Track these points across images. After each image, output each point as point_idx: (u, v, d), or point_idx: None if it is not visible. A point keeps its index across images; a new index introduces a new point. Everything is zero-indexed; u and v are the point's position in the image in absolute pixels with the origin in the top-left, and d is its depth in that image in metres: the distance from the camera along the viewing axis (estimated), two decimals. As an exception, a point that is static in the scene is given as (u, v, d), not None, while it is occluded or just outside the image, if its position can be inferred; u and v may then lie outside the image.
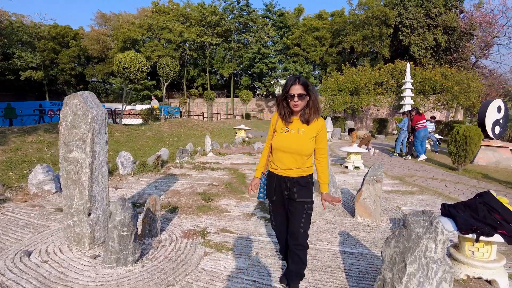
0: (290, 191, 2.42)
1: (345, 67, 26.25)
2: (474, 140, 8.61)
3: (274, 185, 2.48)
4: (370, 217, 4.38)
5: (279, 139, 2.41)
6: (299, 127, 2.38)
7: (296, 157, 2.38)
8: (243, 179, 6.41)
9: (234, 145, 10.74)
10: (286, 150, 2.38)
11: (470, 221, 2.89)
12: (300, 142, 2.36)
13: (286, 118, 2.40)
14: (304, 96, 2.30)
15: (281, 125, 2.44)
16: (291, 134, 2.39)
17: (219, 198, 5.05)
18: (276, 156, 2.45)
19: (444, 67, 21.62)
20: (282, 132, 2.41)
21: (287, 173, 2.41)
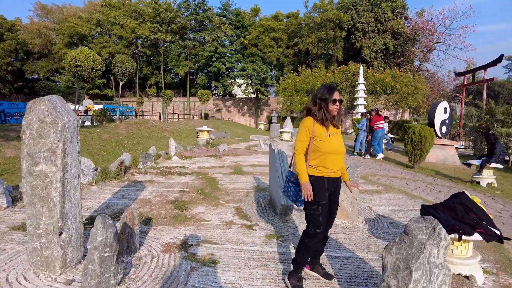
0: (335, 189, 2.71)
1: (301, 68, 26.91)
2: (428, 140, 9.23)
3: (327, 188, 2.63)
4: (347, 219, 4.45)
5: (330, 143, 2.59)
6: (334, 131, 2.66)
7: (342, 157, 2.68)
8: (214, 184, 6.22)
9: (199, 148, 10.44)
10: (338, 152, 2.62)
11: (451, 221, 3.02)
12: (341, 142, 2.68)
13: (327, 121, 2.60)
14: (341, 101, 2.64)
15: (321, 130, 2.60)
16: (335, 137, 2.62)
17: (194, 206, 4.82)
18: (328, 160, 2.60)
19: (394, 70, 23.09)
20: (327, 136, 2.59)
21: (337, 173, 2.68)
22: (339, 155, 2.64)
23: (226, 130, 18.87)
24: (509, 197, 6.76)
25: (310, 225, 2.64)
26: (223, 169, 7.68)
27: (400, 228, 4.34)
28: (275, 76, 34.31)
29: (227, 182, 6.40)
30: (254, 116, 34.03)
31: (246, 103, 34.30)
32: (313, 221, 2.61)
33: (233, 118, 34.07)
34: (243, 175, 7.10)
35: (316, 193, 2.57)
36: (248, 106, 34.20)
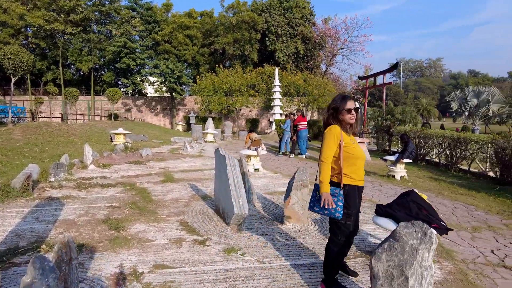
0: (361, 197, 2.78)
1: (218, 68, 26.71)
2: (347, 138, 9.97)
3: (358, 196, 2.70)
4: (298, 222, 4.42)
5: (358, 149, 2.66)
6: (354, 139, 2.72)
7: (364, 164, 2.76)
8: (147, 195, 5.55)
9: (117, 153, 9.32)
10: (363, 158, 2.70)
11: (409, 219, 3.17)
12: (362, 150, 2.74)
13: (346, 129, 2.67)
14: (358, 109, 2.67)
15: (347, 137, 2.66)
16: (358, 145, 2.70)
17: (131, 223, 4.18)
18: (359, 166, 2.65)
19: (305, 73, 24.68)
20: (354, 144, 2.66)
21: (363, 181, 2.74)
22: (364, 162, 2.72)
23: (141, 132, 17.48)
24: (418, 187, 7.70)
25: (341, 234, 2.69)
26: (152, 177, 6.97)
27: (347, 227, 4.48)
28: (190, 75, 33.33)
29: (161, 192, 5.79)
30: (169, 116, 32.48)
31: (160, 102, 32.52)
32: (344, 230, 2.68)
33: (145, 119, 31.95)
34: (177, 183, 6.54)
35: (351, 203, 2.63)
36: (161, 105, 32.46)
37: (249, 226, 4.34)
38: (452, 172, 10.97)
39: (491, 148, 9.84)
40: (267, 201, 5.60)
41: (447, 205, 6.22)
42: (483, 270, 3.56)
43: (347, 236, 2.72)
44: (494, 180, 9.52)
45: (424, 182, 8.60)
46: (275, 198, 5.82)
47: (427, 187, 7.88)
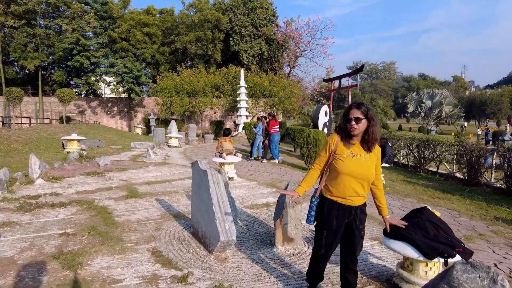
0: (353, 219, 2.44)
1: (180, 68, 25.56)
2: (322, 142, 9.68)
3: (337, 214, 2.44)
4: (291, 244, 3.89)
5: (349, 164, 2.37)
6: (363, 153, 2.40)
7: (363, 183, 2.40)
8: (108, 216, 4.71)
9: (70, 163, 8.19)
10: (356, 176, 2.36)
11: (431, 244, 2.76)
12: (367, 167, 2.38)
13: (346, 139, 2.41)
14: (360, 119, 2.33)
15: (344, 149, 2.41)
16: (358, 159, 2.37)
17: (90, 257, 3.38)
18: (343, 182, 2.39)
19: (270, 75, 24.38)
20: (349, 157, 2.38)
21: (354, 201, 2.41)
22: (358, 180, 2.38)
23: (97, 136, 16.04)
24: (397, 193, 7.54)
25: (314, 244, 2.62)
26: (113, 192, 6.07)
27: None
28: (150, 75, 31.66)
29: (125, 212, 4.97)
30: (126, 119, 30.57)
31: (116, 103, 30.50)
32: (316, 242, 2.59)
33: (101, 121, 29.80)
34: (142, 198, 5.73)
35: (322, 217, 2.49)
36: (118, 107, 30.47)
37: (235, 251, 3.72)
38: (421, 174, 11.13)
39: (459, 150, 10.05)
40: (250, 217, 5.01)
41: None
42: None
43: (316, 252, 2.60)
44: (461, 181, 9.73)
45: (399, 186, 8.51)
46: (258, 213, 5.24)
47: (405, 192, 7.76)
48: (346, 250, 2.58)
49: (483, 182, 9.10)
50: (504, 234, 5.06)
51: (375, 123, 2.37)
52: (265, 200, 6.02)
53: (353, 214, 2.44)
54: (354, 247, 2.51)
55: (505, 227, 5.40)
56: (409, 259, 2.96)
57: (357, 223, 2.45)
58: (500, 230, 5.23)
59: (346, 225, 2.47)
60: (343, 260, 2.62)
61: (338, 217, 2.44)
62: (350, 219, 2.45)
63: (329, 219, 2.46)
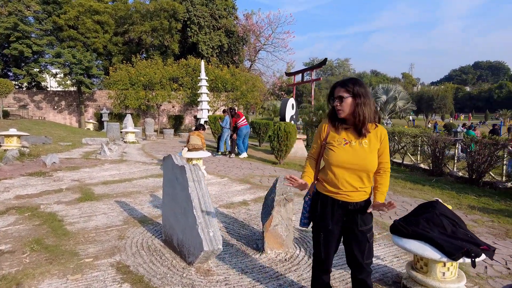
0: (352, 218, 2.05)
1: (135, 59, 23.95)
2: (293, 135, 9.35)
3: (331, 212, 2.06)
4: (282, 248, 3.42)
5: (339, 153, 1.99)
6: (359, 139, 2.00)
7: (361, 175, 2.00)
8: (58, 224, 3.90)
9: (7, 163, 6.99)
10: (349, 167, 1.98)
11: (455, 242, 2.42)
12: (364, 155, 1.97)
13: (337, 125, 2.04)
14: (345, 98, 1.94)
15: (335, 136, 2.05)
16: (352, 147, 1.99)
17: (34, 281, 2.64)
18: (335, 175, 2.00)
19: (232, 68, 23.67)
20: (340, 145, 2.01)
21: (351, 196, 2.02)
22: (350, 171, 1.97)
23: (42, 133, 14.38)
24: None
25: (314, 249, 2.26)
26: (63, 195, 5.17)
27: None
28: (102, 66, 29.36)
29: (79, 218, 4.17)
30: (76, 114, 28.14)
31: (64, 97, 27.92)
32: (315, 246, 2.23)
33: (47, 117, 27.12)
34: (100, 201, 4.92)
35: (314, 213, 2.16)
36: (67, 101, 27.92)
37: (218, 260, 3.16)
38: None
39: (424, 141, 10.26)
40: (228, 218, 4.45)
41: (411, 203, 5.93)
42: None
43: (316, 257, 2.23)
44: (426, 171, 9.94)
45: (371, 178, 8.42)
46: (236, 213, 4.70)
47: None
48: (350, 257, 2.15)
49: (447, 172, 9.36)
50: (484, 222, 5.04)
51: (365, 100, 1.94)
52: (241, 198, 5.49)
53: (352, 212, 2.04)
54: (357, 254, 2.07)
55: (482, 216, 5.41)
56: (423, 260, 2.61)
57: (358, 223, 2.03)
58: (479, 219, 5.22)
59: (346, 225, 2.08)
60: (352, 271, 2.18)
61: (334, 215, 2.06)
62: (348, 218, 2.05)
63: (324, 218, 2.10)
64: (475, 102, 69.05)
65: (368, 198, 2.08)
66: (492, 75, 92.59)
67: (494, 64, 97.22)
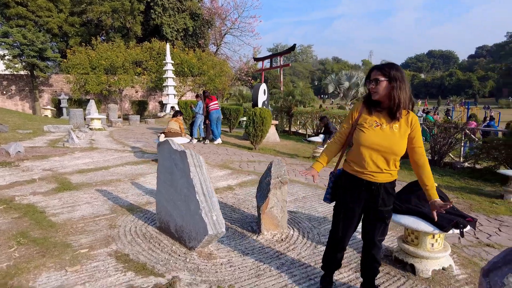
0: (375, 198, 2.15)
1: (95, 41, 22.55)
2: (268, 121, 9.44)
3: (355, 190, 2.18)
4: (277, 229, 3.52)
5: (372, 135, 2.08)
6: (391, 123, 2.08)
7: (389, 157, 2.08)
8: (41, 216, 3.70)
9: (-36, 152, 6.39)
10: (378, 148, 2.08)
11: (446, 216, 2.66)
12: (394, 139, 2.06)
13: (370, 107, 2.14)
14: (380, 81, 2.03)
15: (367, 118, 2.14)
16: (382, 130, 2.08)
17: (30, 276, 2.53)
18: (363, 156, 2.10)
19: (198, 52, 23.09)
20: (371, 127, 2.10)
21: (375, 177, 2.11)
22: (381, 153, 2.07)
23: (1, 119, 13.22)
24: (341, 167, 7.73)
25: (332, 226, 2.37)
26: (38, 186, 4.87)
27: (327, 223, 3.80)
28: (57, 49, 27.29)
29: (62, 209, 3.98)
30: (29, 100, 26.03)
31: (14, 82, 25.65)
32: (333, 223, 2.34)
33: (-5, 103, 24.95)
34: (80, 191, 4.71)
35: (339, 193, 2.30)
36: (17, 86, 25.69)
37: (218, 243, 3.20)
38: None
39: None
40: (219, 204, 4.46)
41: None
42: (479, 253, 3.42)
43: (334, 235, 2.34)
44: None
45: (344, 161, 8.77)
46: (224, 198, 4.73)
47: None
48: (365, 233, 2.30)
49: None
50: (450, 199, 5.48)
51: (401, 84, 2.02)
52: (225, 183, 5.52)
53: (375, 192, 2.14)
54: (372, 232, 2.23)
55: (447, 193, 5.86)
56: (415, 233, 2.84)
57: (378, 203, 2.15)
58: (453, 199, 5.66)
59: (367, 204, 2.19)
60: (364, 244, 2.34)
61: (356, 193, 2.18)
62: (370, 197, 2.16)
63: (346, 196, 2.24)
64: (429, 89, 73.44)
65: (393, 181, 2.18)
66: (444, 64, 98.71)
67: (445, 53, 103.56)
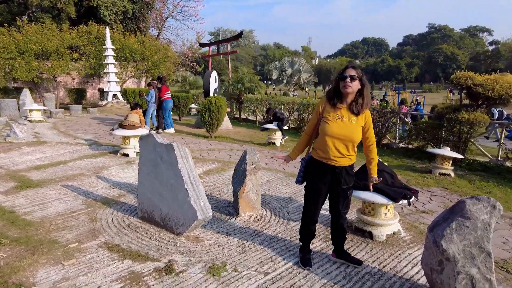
0: (339, 179, 2.57)
1: (21, 22, 20.24)
2: (224, 109, 9.67)
3: (322, 174, 2.58)
4: (253, 210, 3.93)
5: (335, 127, 2.48)
6: (350, 116, 2.49)
7: (348, 144, 2.51)
8: (12, 215, 3.62)
9: None
10: (340, 138, 2.47)
11: (397, 190, 3.26)
12: (353, 129, 2.48)
13: (336, 102, 2.50)
14: (355, 78, 2.41)
15: (330, 112, 2.52)
16: (343, 122, 2.48)
17: (26, 273, 2.59)
18: (328, 144, 2.49)
19: (140, 36, 21.98)
20: (334, 119, 2.49)
21: (338, 161, 2.52)
22: (342, 142, 2.49)
23: None
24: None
25: (304, 202, 2.78)
26: None
27: (293, 202, 4.29)
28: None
29: (33, 207, 3.90)
30: None
31: None
32: (306, 200, 2.76)
33: None
34: (44, 187, 4.57)
35: (308, 177, 2.71)
36: None
37: (201, 228, 3.48)
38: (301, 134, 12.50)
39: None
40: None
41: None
42: (417, 219, 4.17)
43: (307, 211, 2.76)
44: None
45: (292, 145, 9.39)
46: (195, 186, 4.95)
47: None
48: (332, 208, 2.75)
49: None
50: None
51: (367, 87, 2.48)
52: (192, 172, 5.71)
53: (338, 174, 2.56)
54: (338, 205, 2.69)
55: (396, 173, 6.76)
56: (371, 205, 3.41)
57: (341, 182, 2.58)
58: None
59: (332, 184, 2.62)
60: (332, 216, 2.81)
61: (323, 176, 2.59)
62: (335, 179, 2.58)
63: (316, 179, 2.64)
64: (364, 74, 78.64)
65: (352, 164, 2.63)
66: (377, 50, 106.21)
67: (377, 40, 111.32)
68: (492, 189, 5.56)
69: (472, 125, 7.00)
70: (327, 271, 2.75)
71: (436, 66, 67.11)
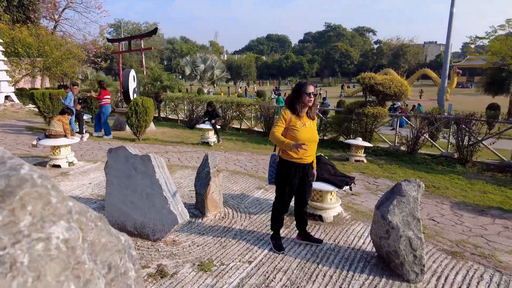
0: (307, 173, 3.17)
1: None
2: (151, 110, 9.49)
3: (295, 172, 3.08)
4: (217, 209, 4.27)
5: (304, 132, 3.03)
6: (309, 122, 3.11)
7: (313, 145, 3.11)
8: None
9: None
10: (310, 140, 3.04)
11: (340, 179, 3.98)
12: (314, 132, 3.14)
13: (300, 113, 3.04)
14: (314, 94, 3.07)
15: (296, 121, 3.04)
16: (307, 128, 3.07)
17: None
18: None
19: (34, 28, 19.23)
20: (302, 127, 3.04)
21: (307, 159, 3.11)
22: (311, 144, 3.05)
23: None
24: (230, 149, 8.80)
25: (277, 198, 3.24)
26: None
27: (246, 198, 4.74)
28: None
29: None
30: None
31: None
32: (279, 195, 3.21)
33: None
34: None
35: (282, 175, 3.13)
36: None
37: (173, 232, 3.66)
38: (227, 131, 12.97)
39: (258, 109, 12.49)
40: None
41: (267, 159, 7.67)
42: (350, 200, 5.04)
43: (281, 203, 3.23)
44: (260, 133, 12.29)
45: (233, 144, 9.76)
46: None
47: (235, 147, 9.16)
48: (298, 197, 3.32)
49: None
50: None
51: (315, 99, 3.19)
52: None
53: (306, 170, 3.16)
54: (305, 194, 3.29)
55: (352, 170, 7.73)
56: (319, 193, 4.07)
57: (308, 175, 3.21)
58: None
59: (301, 178, 3.18)
60: (297, 206, 3.37)
61: (296, 174, 3.11)
62: (303, 174, 3.16)
63: (290, 176, 3.12)
64: (270, 70, 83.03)
65: (313, 160, 3.24)
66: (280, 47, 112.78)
67: (281, 37, 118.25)
68: (396, 170, 6.94)
69: (376, 117, 8.46)
70: (297, 252, 3.29)
71: (333, 62, 75.03)
